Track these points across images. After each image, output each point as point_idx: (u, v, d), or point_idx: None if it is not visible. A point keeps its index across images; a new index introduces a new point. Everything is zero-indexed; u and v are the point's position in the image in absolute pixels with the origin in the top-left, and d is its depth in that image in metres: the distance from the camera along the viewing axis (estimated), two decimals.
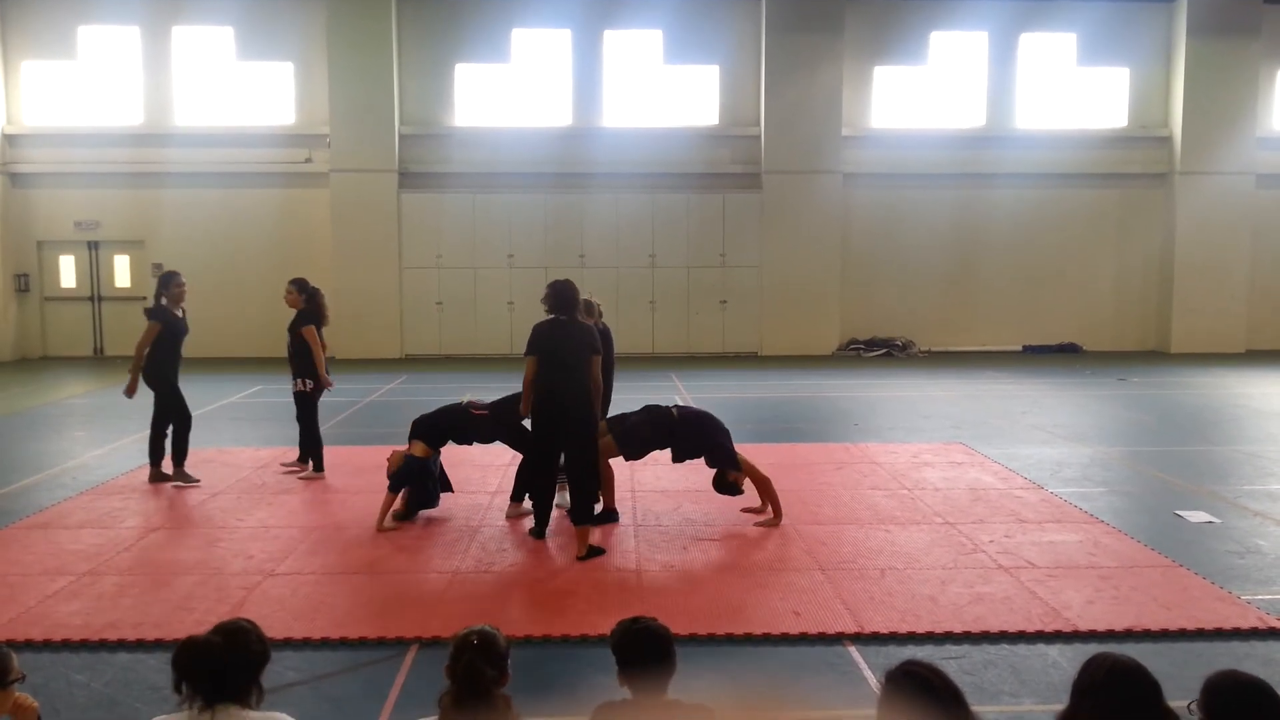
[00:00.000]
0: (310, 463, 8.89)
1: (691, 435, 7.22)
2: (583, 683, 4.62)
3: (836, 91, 19.00)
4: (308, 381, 8.73)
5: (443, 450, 7.62)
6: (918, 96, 19.56)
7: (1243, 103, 19.38)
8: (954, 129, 19.54)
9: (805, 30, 18.81)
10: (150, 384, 8.61)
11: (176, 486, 8.43)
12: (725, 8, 19.20)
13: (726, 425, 7.33)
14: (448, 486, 7.63)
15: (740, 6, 19.17)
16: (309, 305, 8.86)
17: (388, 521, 7.14)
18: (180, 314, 8.73)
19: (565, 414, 6.64)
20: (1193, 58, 19.17)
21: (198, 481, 8.50)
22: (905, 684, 2.55)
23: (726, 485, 7.22)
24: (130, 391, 8.62)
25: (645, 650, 3.15)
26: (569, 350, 6.66)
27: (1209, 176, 19.40)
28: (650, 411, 7.32)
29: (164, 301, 8.62)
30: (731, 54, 19.28)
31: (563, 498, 7.28)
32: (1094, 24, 19.36)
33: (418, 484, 7.25)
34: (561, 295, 6.77)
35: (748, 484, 7.33)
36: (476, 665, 2.94)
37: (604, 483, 7.28)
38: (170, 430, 8.66)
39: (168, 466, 8.60)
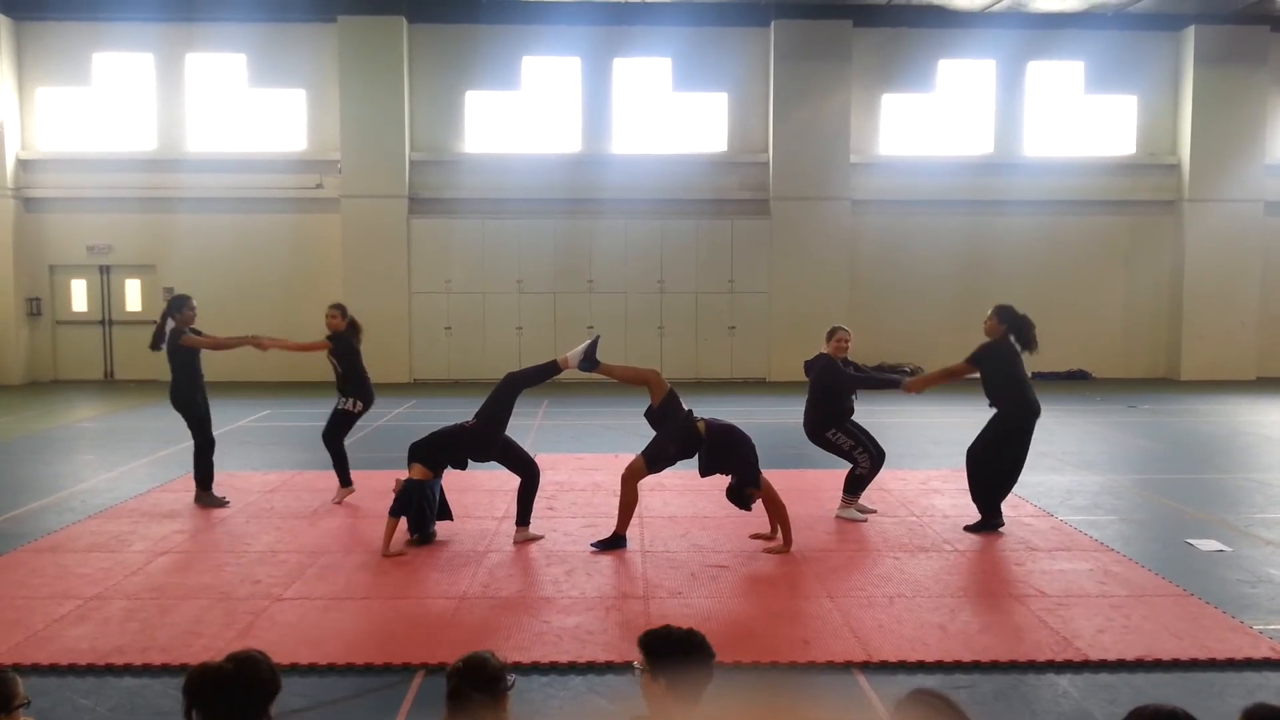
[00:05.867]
0: (349, 484, 8.95)
1: (720, 451, 7.19)
2: (587, 709, 4.59)
3: (845, 119, 19.08)
4: (358, 403, 8.84)
5: (450, 476, 7.61)
6: (926, 124, 19.63)
7: (1251, 130, 19.41)
8: (962, 156, 19.60)
9: (813, 58, 18.92)
10: (177, 407, 8.73)
11: (200, 506, 8.54)
12: (734, 36, 19.33)
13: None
14: (446, 514, 7.59)
15: (749, 34, 19.30)
16: (351, 328, 8.98)
17: (394, 547, 7.12)
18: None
19: None
20: (1200, 85, 19.23)
21: (226, 503, 8.62)
22: (916, 712, 2.53)
23: (740, 498, 7.15)
24: (256, 343, 8.85)
25: (688, 650, 3.07)
26: None
27: (1218, 204, 19.41)
28: (679, 426, 7.27)
29: (170, 325, 8.63)
30: (740, 81, 19.39)
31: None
32: (1101, 52, 19.43)
33: (415, 509, 7.22)
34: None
35: (758, 507, 7.31)
36: (461, 689, 2.95)
37: (622, 507, 7.27)
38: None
39: (218, 489, 8.76)
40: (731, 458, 7.16)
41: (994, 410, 7.85)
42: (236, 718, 2.79)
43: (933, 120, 19.62)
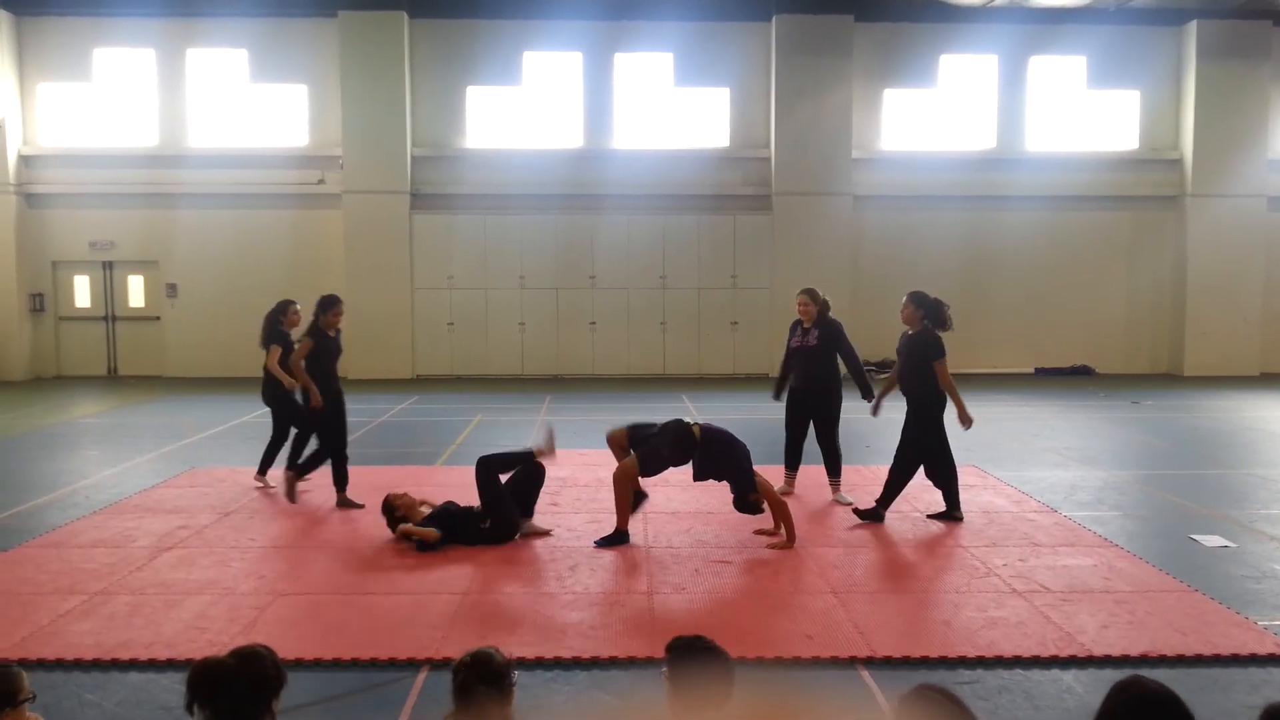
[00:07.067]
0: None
1: (714, 456, 7.21)
2: (592, 704, 4.60)
3: (846, 114, 19.06)
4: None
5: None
6: (928, 119, 19.61)
7: (1254, 125, 19.38)
8: (964, 151, 19.58)
9: (815, 53, 18.90)
10: (305, 405, 8.59)
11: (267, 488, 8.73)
12: (735, 31, 19.31)
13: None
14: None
15: (750, 30, 19.28)
16: None
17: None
18: (333, 335, 8.61)
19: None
20: (1203, 80, 19.20)
21: (362, 506, 8.36)
22: (919, 707, 2.53)
23: (747, 505, 7.21)
24: (316, 403, 8.32)
25: (710, 666, 3.05)
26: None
27: (1220, 199, 19.39)
28: (673, 430, 7.30)
29: (319, 324, 8.47)
30: (742, 77, 19.37)
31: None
32: (1104, 47, 19.40)
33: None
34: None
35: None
36: (469, 682, 2.97)
37: (619, 504, 7.27)
38: (287, 440, 8.86)
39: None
40: (726, 464, 7.18)
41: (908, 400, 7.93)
42: (240, 712, 2.80)
43: (935, 115, 19.59)
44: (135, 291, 19.43)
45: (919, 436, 7.82)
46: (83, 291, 19.41)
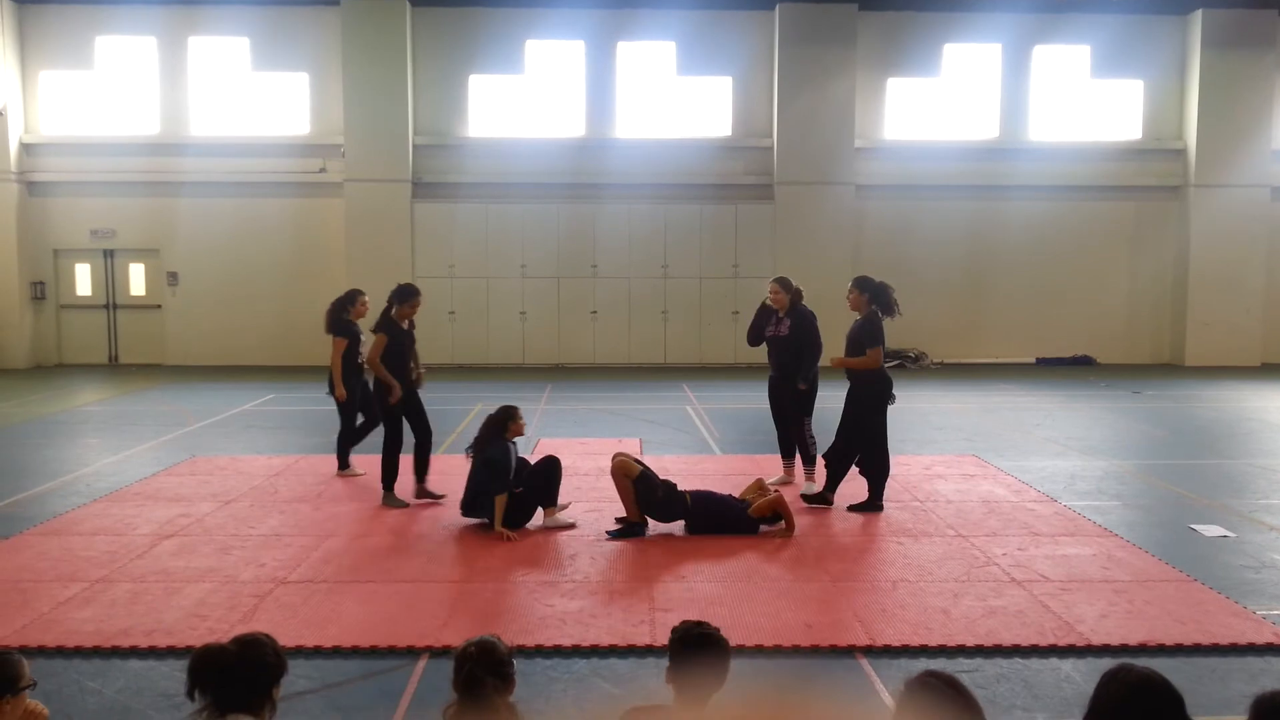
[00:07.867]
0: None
1: (704, 518, 7.27)
2: (592, 693, 4.61)
3: (849, 103, 19.01)
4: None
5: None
6: (931, 108, 19.54)
7: (1258, 115, 19.31)
8: (967, 141, 19.52)
9: (818, 42, 18.83)
10: (374, 398, 8.44)
11: (427, 501, 8.21)
12: (738, 20, 19.24)
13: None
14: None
15: (753, 18, 19.21)
16: None
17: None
18: (407, 326, 8.45)
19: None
20: (1207, 70, 19.12)
21: (443, 497, 8.22)
22: (925, 693, 2.53)
23: (765, 520, 7.30)
24: (394, 397, 8.10)
25: (704, 653, 3.14)
26: None
27: (1224, 189, 19.33)
28: (670, 488, 7.34)
29: (392, 316, 8.26)
30: (744, 65, 19.31)
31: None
32: (1108, 36, 19.32)
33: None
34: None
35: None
36: (476, 674, 2.98)
37: (622, 497, 7.29)
38: (398, 446, 8.54)
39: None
40: (719, 523, 7.24)
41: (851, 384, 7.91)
42: (241, 699, 2.81)
43: (938, 105, 19.53)
44: (136, 280, 19.41)
45: (857, 419, 7.81)
46: (84, 280, 19.39)
